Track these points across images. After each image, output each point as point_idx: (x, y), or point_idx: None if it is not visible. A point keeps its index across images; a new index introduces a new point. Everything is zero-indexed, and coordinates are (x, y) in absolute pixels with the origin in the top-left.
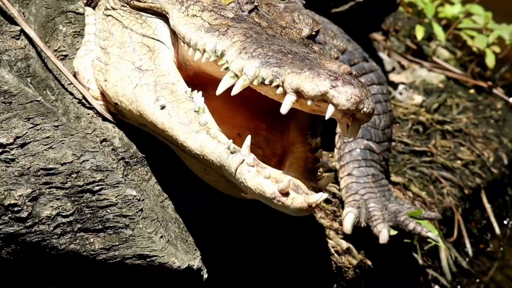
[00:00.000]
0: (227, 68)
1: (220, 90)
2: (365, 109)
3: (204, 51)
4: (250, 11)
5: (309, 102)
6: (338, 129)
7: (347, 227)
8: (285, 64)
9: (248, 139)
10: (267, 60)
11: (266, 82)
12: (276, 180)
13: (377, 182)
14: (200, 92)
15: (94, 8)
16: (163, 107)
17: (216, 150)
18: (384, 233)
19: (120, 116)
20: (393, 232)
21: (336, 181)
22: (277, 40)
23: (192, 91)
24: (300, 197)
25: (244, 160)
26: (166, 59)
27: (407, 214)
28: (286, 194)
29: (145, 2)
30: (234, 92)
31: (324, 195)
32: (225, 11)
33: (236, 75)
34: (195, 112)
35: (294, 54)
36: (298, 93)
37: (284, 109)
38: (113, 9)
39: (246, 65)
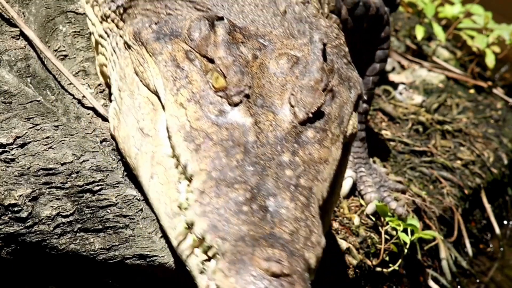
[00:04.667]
0: (186, 209)
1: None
2: None
3: (179, 159)
4: (237, 104)
5: None
6: None
7: (345, 190)
8: (228, 237)
9: (212, 264)
10: (215, 223)
11: (209, 253)
12: None
13: (364, 145)
14: (185, 183)
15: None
16: (155, 189)
17: (190, 261)
18: (373, 206)
19: None
20: (378, 203)
21: None
22: (251, 155)
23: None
24: None
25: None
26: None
27: (389, 191)
28: None
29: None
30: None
31: None
32: (210, 106)
33: (189, 227)
34: (178, 207)
35: (257, 191)
36: None
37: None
38: (128, 46)
39: (195, 222)
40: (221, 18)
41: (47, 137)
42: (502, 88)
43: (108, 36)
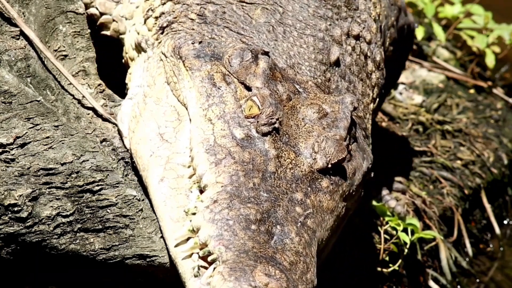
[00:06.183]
0: (194, 214)
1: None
2: None
3: (195, 169)
4: (264, 134)
5: None
6: None
7: None
8: (232, 248)
9: (210, 270)
10: (222, 232)
11: (209, 259)
12: None
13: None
14: (197, 192)
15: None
16: (163, 192)
17: (184, 264)
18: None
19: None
20: (375, 203)
21: None
22: (267, 184)
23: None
24: None
25: None
26: (188, 135)
27: (388, 190)
28: None
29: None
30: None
31: None
32: (238, 128)
33: (194, 231)
34: (184, 212)
35: (267, 216)
36: None
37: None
38: (165, 56)
39: (202, 226)
40: (266, 53)
41: (47, 137)
42: (502, 88)
43: (146, 44)
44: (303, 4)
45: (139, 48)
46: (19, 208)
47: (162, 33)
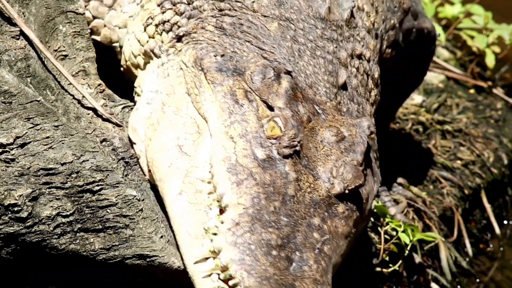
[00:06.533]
0: (214, 234)
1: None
2: None
3: (215, 187)
4: (286, 156)
5: None
6: None
7: None
8: (253, 273)
9: None
10: (244, 256)
11: (230, 283)
12: None
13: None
14: (217, 210)
15: (167, 49)
16: (181, 206)
17: (204, 283)
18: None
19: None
20: (376, 204)
21: None
22: (287, 208)
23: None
24: None
25: None
26: (208, 150)
27: (389, 194)
28: None
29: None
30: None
31: None
32: (260, 149)
33: (214, 251)
34: (204, 230)
35: (287, 242)
36: None
37: None
38: (185, 65)
39: (224, 249)
40: (289, 73)
41: (47, 137)
42: (502, 88)
43: (160, 50)
44: (311, 24)
45: (149, 55)
46: (19, 208)
47: (178, 41)
